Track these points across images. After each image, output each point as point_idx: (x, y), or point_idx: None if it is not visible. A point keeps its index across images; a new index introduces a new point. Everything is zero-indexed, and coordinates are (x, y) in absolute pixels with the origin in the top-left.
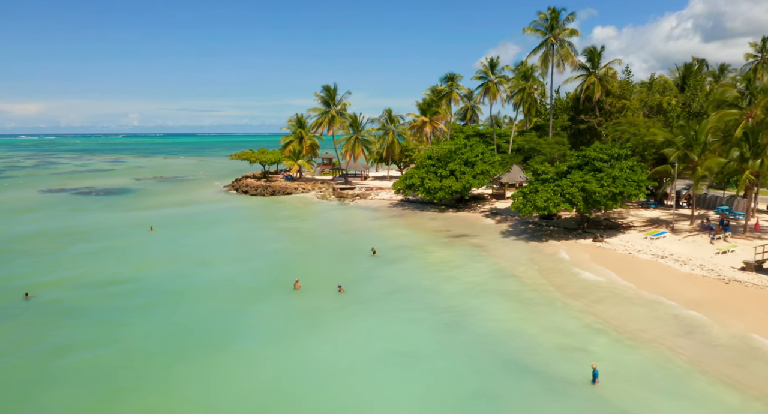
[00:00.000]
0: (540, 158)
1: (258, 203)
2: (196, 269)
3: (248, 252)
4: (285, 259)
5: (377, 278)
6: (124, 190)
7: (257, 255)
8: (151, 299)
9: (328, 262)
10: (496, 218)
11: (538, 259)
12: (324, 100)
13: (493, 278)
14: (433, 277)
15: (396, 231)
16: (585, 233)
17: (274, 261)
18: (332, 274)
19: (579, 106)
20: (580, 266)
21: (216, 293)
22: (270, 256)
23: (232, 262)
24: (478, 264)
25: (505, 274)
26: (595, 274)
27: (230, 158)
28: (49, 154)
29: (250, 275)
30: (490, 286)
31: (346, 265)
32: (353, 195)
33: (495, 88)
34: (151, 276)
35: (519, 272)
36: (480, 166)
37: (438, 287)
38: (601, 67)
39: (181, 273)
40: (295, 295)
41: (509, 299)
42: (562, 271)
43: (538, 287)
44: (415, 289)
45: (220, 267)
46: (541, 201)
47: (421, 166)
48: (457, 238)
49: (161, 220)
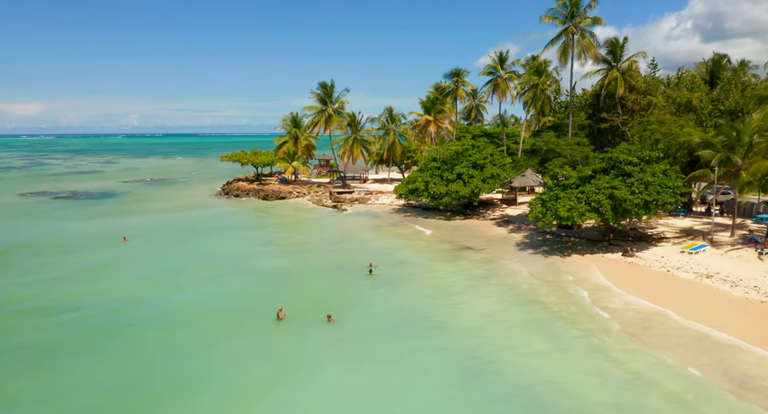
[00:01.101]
0: (560, 161)
1: (248, 209)
2: (166, 291)
3: (229, 268)
4: (270, 278)
5: (374, 305)
6: (108, 193)
7: (239, 273)
8: (102, 333)
9: (318, 282)
10: (508, 227)
11: (562, 278)
12: (320, 98)
13: (513, 304)
14: (441, 302)
15: (397, 242)
16: (612, 246)
17: (257, 281)
18: (322, 297)
19: (599, 103)
20: (613, 288)
21: (184, 324)
22: (253, 274)
23: (208, 282)
24: (492, 285)
25: (527, 298)
26: (633, 298)
27: (221, 160)
28: (43, 155)
29: (228, 299)
30: (511, 315)
31: (339, 286)
32: (351, 199)
33: (505, 85)
34: (110, 300)
35: (542, 296)
36: (490, 169)
37: (448, 318)
38: (623, 60)
39: (146, 296)
40: (278, 327)
41: (537, 333)
42: (593, 294)
43: (569, 316)
44: (419, 321)
45: (195, 288)
46: (564, 210)
47: (425, 169)
48: (466, 252)
49: (139, 230)
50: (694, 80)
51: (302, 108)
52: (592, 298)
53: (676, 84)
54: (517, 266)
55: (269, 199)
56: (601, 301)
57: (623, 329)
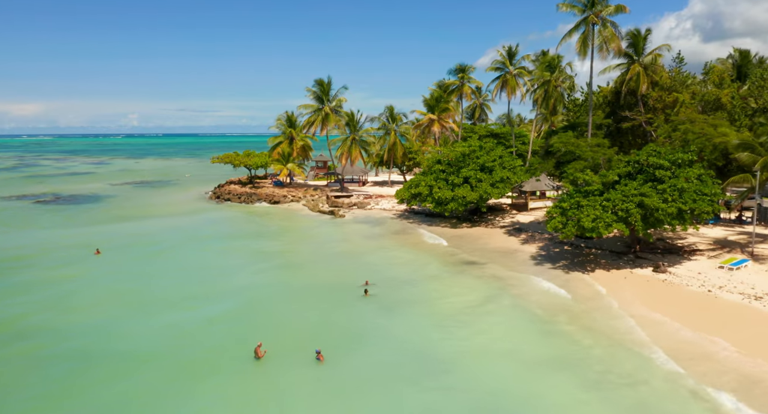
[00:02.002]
0: (580, 164)
1: (238, 215)
2: (132, 316)
3: (207, 289)
4: (253, 300)
5: (372, 337)
6: (94, 197)
7: (217, 294)
8: (47, 372)
9: (307, 306)
10: (520, 236)
11: (589, 301)
12: (317, 96)
13: (536, 336)
14: (450, 334)
15: (397, 254)
16: (639, 259)
17: (238, 303)
18: (311, 326)
19: (620, 101)
20: (650, 314)
21: (146, 361)
22: (234, 295)
23: (182, 306)
24: (508, 310)
25: (551, 328)
26: (677, 327)
27: (212, 161)
28: (37, 156)
29: (201, 329)
30: (535, 351)
31: (332, 311)
32: (349, 204)
33: (514, 81)
34: (64, 329)
35: (568, 324)
36: (499, 173)
37: (459, 355)
38: (646, 53)
39: (108, 323)
40: (256, 367)
41: (569, 376)
42: (627, 321)
43: (604, 353)
44: (425, 359)
45: (166, 313)
46: (589, 221)
47: (428, 172)
48: (475, 267)
49: (115, 240)
50: (723, 76)
51: (297, 106)
52: (626, 326)
53: (703, 80)
54: (534, 285)
55: (262, 204)
56: (640, 332)
57: (676, 371)
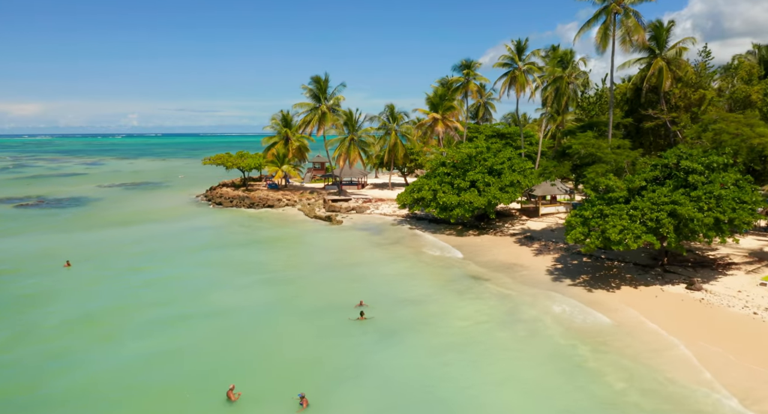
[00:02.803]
0: (602, 168)
1: (228, 221)
2: (90, 347)
3: (181, 310)
4: (230, 326)
5: (366, 375)
6: (79, 200)
7: (192, 317)
8: None
9: (292, 335)
10: (532, 245)
11: (621, 327)
12: (313, 94)
13: (561, 378)
14: (459, 373)
15: (398, 267)
16: (668, 274)
17: (212, 331)
18: (295, 361)
19: (640, 98)
20: (694, 344)
21: (101, 405)
22: (210, 319)
23: (148, 332)
24: (524, 340)
25: (579, 365)
26: (730, 361)
27: (203, 163)
28: (31, 156)
29: (168, 362)
30: (563, 400)
31: (320, 341)
32: (347, 208)
33: (523, 78)
34: (11, 361)
35: (601, 361)
36: (508, 176)
37: (471, 404)
38: (669, 47)
39: (65, 355)
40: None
41: None
42: (673, 354)
43: (647, 402)
44: (430, 407)
45: (132, 341)
46: (615, 232)
47: (432, 175)
48: (484, 282)
49: (91, 249)
50: (752, 71)
51: (293, 105)
52: (672, 360)
53: (732, 75)
54: (553, 306)
55: (255, 207)
56: (678, 367)
57: None
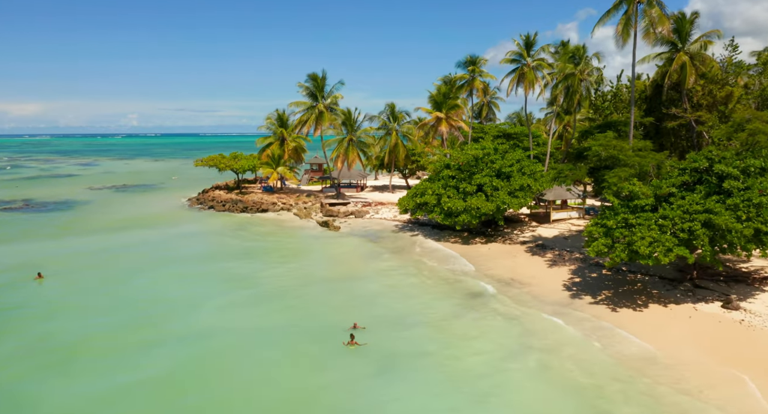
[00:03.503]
0: (625, 172)
1: (218, 227)
2: (39, 377)
3: (154, 334)
4: (209, 353)
5: None
6: (66, 203)
7: (167, 343)
8: None
9: (274, 367)
10: (545, 255)
11: (657, 355)
12: (310, 92)
13: None
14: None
15: (398, 281)
16: (698, 289)
17: (183, 361)
18: (274, 404)
19: (661, 95)
20: (752, 377)
21: None
22: (188, 345)
23: (114, 362)
24: (543, 373)
25: (610, 401)
26: None
27: (195, 164)
28: (27, 156)
29: (133, 400)
30: None
31: (306, 375)
32: (346, 212)
33: (532, 74)
34: None
35: (638, 399)
36: (518, 179)
37: None
38: (692, 41)
39: (9, 390)
40: None
41: None
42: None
43: None
44: None
45: (89, 374)
46: (645, 244)
47: (436, 178)
48: (493, 300)
49: (67, 259)
50: None
51: (288, 104)
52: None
53: (761, 72)
54: (574, 329)
55: (248, 212)
56: None
57: None
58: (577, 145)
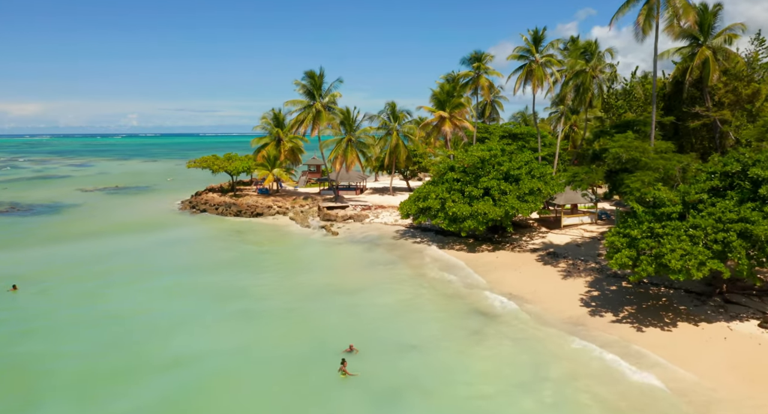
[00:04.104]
0: (648, 176)
1: (209, 233)
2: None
3: (132, 361)
4: (189, 384)
5: None
6: (53, 207)
7: (143, 370)
8: None
9: (259, 402)
10: (558, 265)
11: (698, 387)
12: (307, 91)
13: None
14: None
15: (399, 295)
16: (729, 304)
17: (166, 391)
18: None
19: (682, 93)
20: None
21: None
22: (167, 373)
23: (85, 391)
24: (559, 409)
25: None
26: None
27: (187, 166)
28: (22, 157)
29: None
30: None
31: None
32: (344, 216)
33: (540, 71)
34: None
35: None
36: (528, 183)
37: None
38: (715, 34)
39: None
40: None
41: None
42: None
43: None
44: None
45: (50, 406)
46: (676, 258)
47: (440, 181)
48: (503, 318)
49: (47, 269)
50: None
51: (284, 102)
52: None
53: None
54: (595, 353)
55: (242, 216)
56: None
57: None
58: (587, 146)
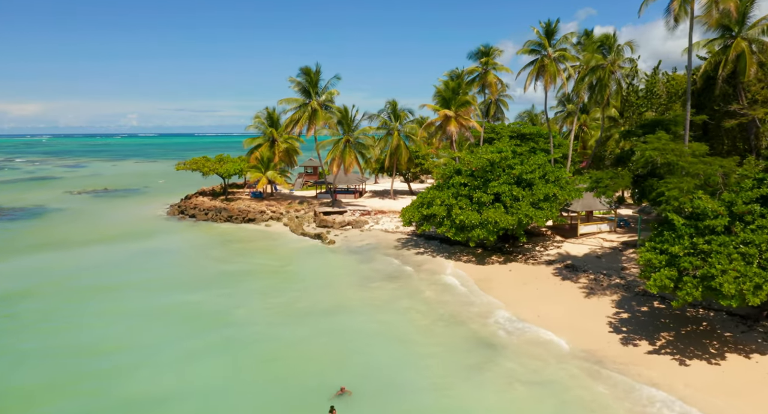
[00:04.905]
0: (687, 183)
1: (196, 242)
2: None
3: (90, 401)
4: None
5: None
6: (36, 211)
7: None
8: None
9: None
10: (578, 280)
11: None
12: (302, 88)
13: None
14: None
15: (399, 318)
16: None
17: None
18: None
19: (714, 89)
20: None
21: None
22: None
23: None
24: None
25: None
26: None
27: (176, 168)
28: (16, 157)
29: None
30: None
31: None
32: (342, 223)
33: (554, 67)
34: None
35: None
36: (542, 188)
37: None
38: (750, 24)
39: None
40: None
41: None
42: None
43: None
44: None
45: None
46: (729, 281)
47: (445, 186)
48: (519, 351)
49: (10, 283)
50: None
51: (278, 101)
52: None
53: None
54: (633, 399)
55: (233, 221)
56: None
57: None
58: (602, 148)
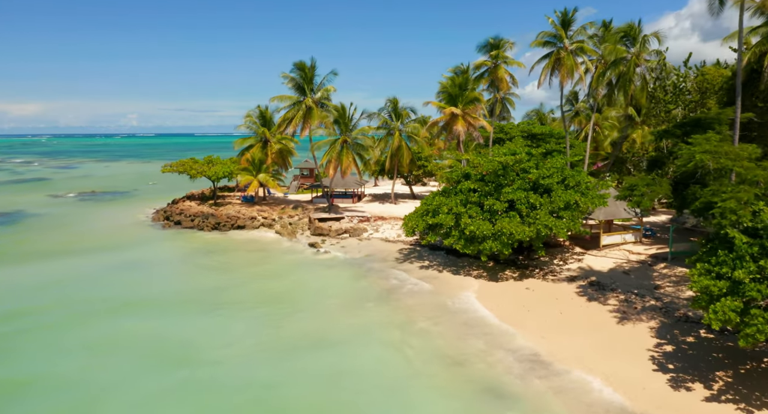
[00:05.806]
0: (746, 193)
1: (178, 253)
2: None
3: None
4: None
5: None
6: (12, 217)
7: None
8: None
9: None
10: (606, 301)
11: None
12: (296, 85)
13: None
14: None
15: (393, 357)
16: None
17: None
18: None
19: (761, 84)
20: None
21: None
22: None
23: None
24: None
25: None
26: None
27: (162, 171)
28: (10, 157)
29: None
30: None
31: None
32: (338, 231)
33: (571, 60)
34: None
35: None
36: (562, 195)
37: None
38: None
39: None
40: None
41: None
42: None
43: None
44: None
45: None
46: None
47: (452, 192)
48: (542, 400)
49: None
50: None
51: (270, 98)
52: None
53: None
54: None
55: (221, 229)
56: None
57: None
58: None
